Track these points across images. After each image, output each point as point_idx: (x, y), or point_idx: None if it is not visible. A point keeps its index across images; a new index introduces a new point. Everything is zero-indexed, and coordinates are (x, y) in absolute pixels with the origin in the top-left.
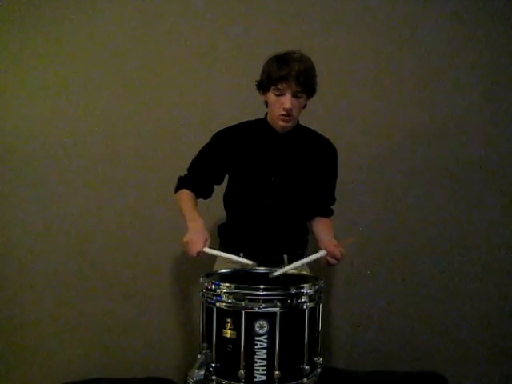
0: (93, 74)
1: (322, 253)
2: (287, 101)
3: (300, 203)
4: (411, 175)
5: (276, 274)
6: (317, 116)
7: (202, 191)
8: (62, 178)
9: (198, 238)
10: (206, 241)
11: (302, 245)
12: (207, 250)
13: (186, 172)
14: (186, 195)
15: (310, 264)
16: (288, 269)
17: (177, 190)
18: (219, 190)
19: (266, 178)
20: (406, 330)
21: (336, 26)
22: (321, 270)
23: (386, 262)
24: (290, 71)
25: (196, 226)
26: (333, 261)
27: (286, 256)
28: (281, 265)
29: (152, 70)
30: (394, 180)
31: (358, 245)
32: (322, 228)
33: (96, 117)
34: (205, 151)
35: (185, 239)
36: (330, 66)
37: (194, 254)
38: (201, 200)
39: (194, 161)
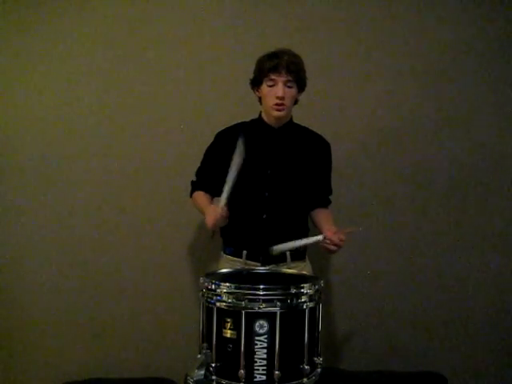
0: (93, 75)
1: (319, 237)
2: (279, 89)
3: (297, 195)
4: (412, 174)
5: (276, 250)
6: (315, 113)
7: (213, 190)
8: (62, 178)
9: (210, 213)
10: (218, 210)
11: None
12: (220, 204)
13: (195, 176)
14: (200, 195)
15: (310, 264)
16: (287, 247)
17: (191, 193)
18: None
19: (263, 171)
20: (405, 329)
21: (334, 20)
22: (321, 270)
23: (386, 262)
24: (280, 61)
25: (210, 207)
26: (331, 247)
27: (288, 253)
28: (283, 261)
29: (152, 70)
30: (395, 180)
31: (358, 245)
32: (321, 218)
33: (96, 117)
34: (209, 151)
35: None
36: (328, 63)
37: (210, 224)
38: None
39: (201, 163)
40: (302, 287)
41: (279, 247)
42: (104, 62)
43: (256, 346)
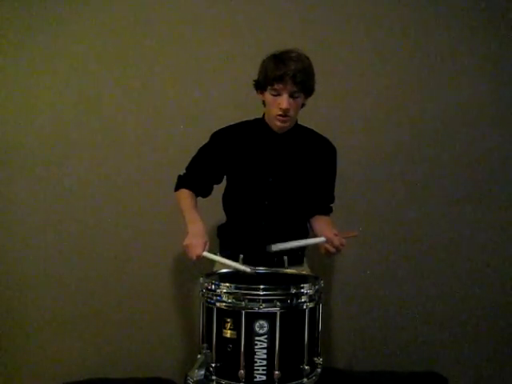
0: (93, 74)
1: (321, 239)
2: (284, 101)
3: (299, 203)
4: (413, 175)
5: (274, 248)
6: (317, 115)
7: (200, 190)
8: (62, 177)
9: (197, 241)
10: (205, 245)
11: (302, 247)
12: (206, 254)
13: (184, 171)
14: (185, 195)
15: (310, 263)
16: (285, 247)
17: (176, 188)
18: (219, 191)
19: (264, 179)
20: (406, 330)
21: (334, 20)
22: (321, 270)
23: (386, 262)
24: (286, 71)
25: (196, 229)
26: (331, 249)
27: (285, 257)
28: (281, 266)
29: (151, 69)
30: (395, 180)
31: (358, 245)
32: (321, 224)
33: (96, 116)
34: (203, 150)
35: (185, 243)
36: (329, 64)
37: (194, 258)
38: (200, 199)
39: (192, 160)
40: (302, 287)
41: (278, 246)
42: (103, 61)
43: (256, 346)
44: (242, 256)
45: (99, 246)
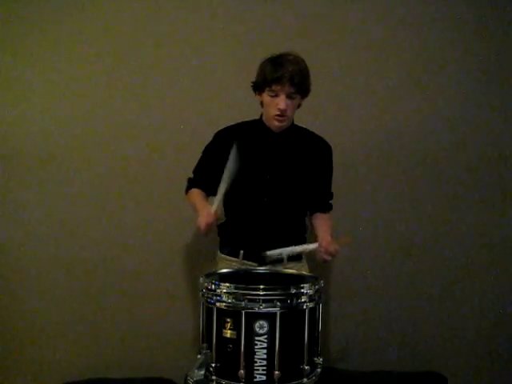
0: (95, 76)
1: (314, 245)
2: (281, 102)
3: (297, 200)
4: (412, 174)
5: (270, 253)
6: (316, 114)
7: (209, 189)
8: (63, 179)
9: (202, 217)
10: (214, 214)
11: (300, 242)
12: (212, 208)
13: (192, 173)
14: (195, 193)
15: (309, 264)
16: (281, 253)
17: (187, 190)
18: None
19: (262, 176)
20: (405, 329)
21: (331, 24)
22: (321, 270)
23: (386, 262)
24: (283, 73)
25: (204, 208)
26: (326, 256)
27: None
28: (280, 262)
29: (152, 70)
30: (395, 179)
31: (357, 245)
32: (320, 223)
33: (98, 118)
34: (207, 150)
35: (197, 222)
36: (327, 64)
37: (203, 226)
38: None
39: (198, 161)
40: (302, 287)
41: (273, 253)
42: (105, 61)
43: (256, 346)
44: (242, 252)
45: (99, 245)
